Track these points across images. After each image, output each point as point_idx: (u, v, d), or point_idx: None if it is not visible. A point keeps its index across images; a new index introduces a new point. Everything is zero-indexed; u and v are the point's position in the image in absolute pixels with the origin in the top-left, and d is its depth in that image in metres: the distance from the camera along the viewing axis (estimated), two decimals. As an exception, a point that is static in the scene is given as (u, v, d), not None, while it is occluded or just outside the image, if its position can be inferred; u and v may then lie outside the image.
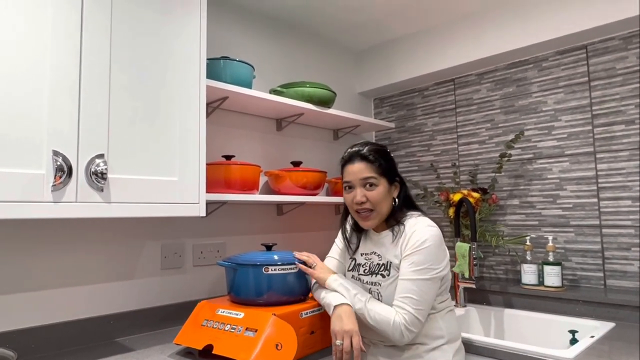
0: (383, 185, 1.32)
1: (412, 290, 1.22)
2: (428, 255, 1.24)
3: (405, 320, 1.20)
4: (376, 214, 1.32)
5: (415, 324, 1.21)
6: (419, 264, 1.23)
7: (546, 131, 1.98)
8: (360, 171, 1.32)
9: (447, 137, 2.32)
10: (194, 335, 1.27)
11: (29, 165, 1.05)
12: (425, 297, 1.22)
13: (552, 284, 1.78)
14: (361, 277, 1.37)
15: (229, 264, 1.33)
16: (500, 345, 1.37)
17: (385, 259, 1.33)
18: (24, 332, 1.30)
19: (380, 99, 2.65)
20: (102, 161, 1.15)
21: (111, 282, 1.51)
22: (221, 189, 1.63)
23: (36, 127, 1.06)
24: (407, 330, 1.20)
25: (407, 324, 1.20)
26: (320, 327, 1.33)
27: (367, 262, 1.38)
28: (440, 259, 1.27)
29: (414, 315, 1.20)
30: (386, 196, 1.32)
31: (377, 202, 1.31)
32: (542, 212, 1.97)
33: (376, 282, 1.32)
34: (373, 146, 1.36)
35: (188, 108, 1.37)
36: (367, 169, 1.31)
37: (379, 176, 1.31)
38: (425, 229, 1.27)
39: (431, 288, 1.24)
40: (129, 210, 1.21)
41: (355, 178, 1.32)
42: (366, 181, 1.31)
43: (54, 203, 1.07)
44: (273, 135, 2.09)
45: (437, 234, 1.28)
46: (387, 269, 1.31)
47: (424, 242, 1.25)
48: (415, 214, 1.34)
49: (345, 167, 1.37)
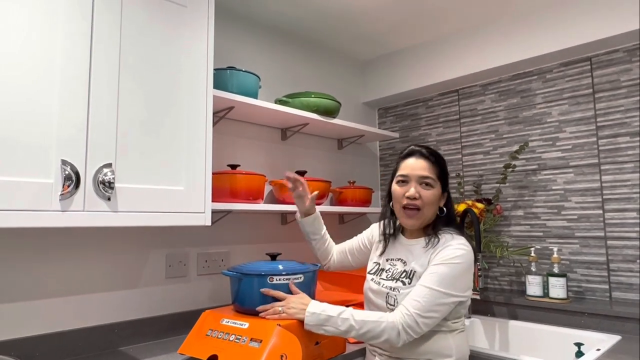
0: (437, 189, 1.30)
1: (424, 297, 1.19)
2: (454, 271, 1.21)
3: (404, 319, 1.17)
4: (422, 215, 1.30)
5: (414, 328, 1.17)
6: (442, 276, 1.20)
7: (550, 142, 1.98)
8: (420, 168, 1.30)
9: (451, 147, 2.32)
10: (198, 345, 1.27)
11: (38, 174, 1.05)
12: (434, 308, 1.19)
13: (557, 296, 1.77)
14: (381, 281, 1.35)
15: (234, 273, 1.33)
16: (506, 358, 1.36)
17: (409, 267, 1.30)
18: (28, 340, 1.30)
19: (384, 109, 2.66)
20: (110, 170, 1.16)
21: (116, 290, 1.51)
22: (226, 198, 1.64)
23: (45, 137, 1.07)
24: (404, 332, 1.16)
25: (405, 325, 1.16)
26: (324, 338, 1.33)
27: (391, 268, 1.36)
28: (466, 281, 1.24)
29: (415, 319, 1.17)
30: (436, 201, 1.31)
31: (428, 203, 1.29)
32: (547, 223, 1.96)
33: (395, 287, 1.30)
34: (435, 150, 1.35)
35: (195, 118, 1.38)
36: (428, 168, 1.30)
37: (436, 179, 1.30)
38: (460, 246, 1.25)
39: (444, 304, 1.20)
40: (135, 219, 1.21)
41: (414, 173, 1.31)
42: (424, 179, 1.30)
43: (61, 212, 1.08)
44: (278, 145, 2.10)
45: (470, 255, 1.25)
46: (409, 277, 1.29)
47: (454, 258, 1.22)
48: (453, 231, 1.32)
49: (403, 161, 1.35)
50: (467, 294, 1.26)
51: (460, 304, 1.27)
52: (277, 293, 1.30)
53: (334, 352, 1.38)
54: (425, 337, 1.25)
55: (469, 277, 1.26)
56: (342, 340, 1.42)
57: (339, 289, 1.85)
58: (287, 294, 1.30)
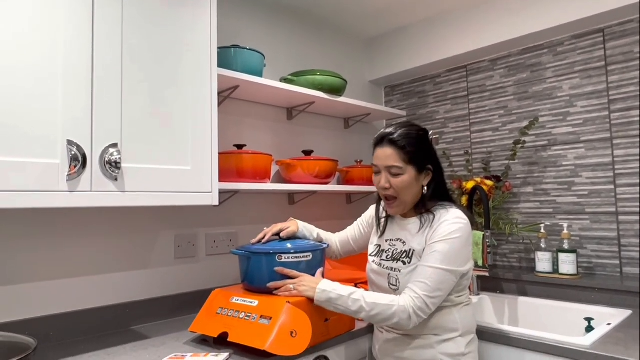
0: (409, 174, 1.27)
1: (429, 278, 1.19)
2: (454, 246, 1.21)
3: (414, 303, 1.17)
4: (399, 202, 1.30)
5: (424, 310, 1.18)
6: (443, 254, 1.20)
7: (561, 117, 1.94)
8: (385, 157, 1.29)
9: (459, 124, 2.29)
10: (208, 323, 1.28)
11: (44, 154, 1.05)
12: (440, 287, 1.19)
13: (567, 272, 1.76)
14: (382, 262, 1.36)
15: (243, 252, 1.34)
16: (515, 332, 1.36)
17: (408, 246, 1.31)
18: (42, 320, 1.32)
19: (391, 87, 2.62)
20: (116, 150, 1.16)
21: (127, 271, 1.52)
22: (233, 178, 1.63)
23: (51, 117, 1.07)
24: (414, 315, 1.17)
25: (415, 307, 1.17)
26: (333, 315, 1.34)
27: (390, 249, 1.36)
28: (465, 254, 1.24)
29: (424, 301, 1.17)
30: (412, 185, 1.29)
31: (400, 190, 1.28)
32: (557, 199, 1.94)
33: (396, 268, 1.31)
34: (407, 130, 1.29)
35: (200, 97, 1.36)
36: (393, 156, 1.27)
37: (406, 164, 1.27)
38: (456, 220, 1.24)
39: (449, 281, 1.21)
40: (143, 199, 1.21)
41: (381, 163, 1.30)
42: (390, 169, 1.28)
43: (69, 192, 1.08)
44: (284, 125, 2.09)
45: (467, 228, 1.25)
46: (409, 257, 1.29)
47: (453, 233, 1.22)
48: (446, 205, 1.31)
49: (374, 150, 1.34)
50: (469, 265, 1.27)
51: (463, 277, 1.27)
52: (290, 271, 1.30)
53: (343, 329, 1.39)
54: (431, 314, 1.25)
55: (469, 249, 1.26)
56: (351, 317, 1.42)
57: (346, 267, 1.85)
58: (299, 273, 1.31)
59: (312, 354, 1.29)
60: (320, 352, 1.32)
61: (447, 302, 1.27)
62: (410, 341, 1.28)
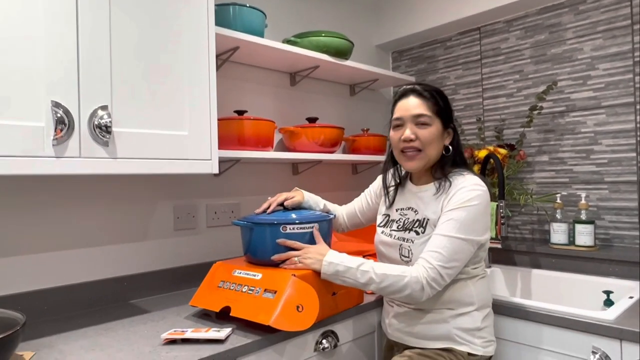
0: (436, 126, 1.20)
1: (444, 247, 1.11)
2: (471, 214, 1.13)
3: (428, 274, 1.10)
4: (423, 156, 1.21)
5: (438, 281, 1.11)
6: (460, 222, 1.13)
7: (581, 81, 1.83)
8: (413, 107, 1.21)
9: (471, 90, 2.18)
10: (210, 297, 1.22)
11: (26, 116, 0.96)
12: (456, 257, 1.12)
13: (584, 243, 1.69)
14: (393, 232, 1.28)
15: (245, 223, 1.26)
16: (533, 306, 1.29)
17: (422, 215, 1.23)
18: (35, 294, 1.26)
19: (398, 52, 2.49)
20: (106, 113, 1.07)
21: (123, 243, 1.45)
22: (234, 146, 1.54)
23: (32, 75, 0.97)
24: (428, 286, 1.10)
25: (428, 279, 1.09)
26: (341, 289, 1.27)
27: (401, 218, 1.28)
28: (483, 223, 1.17)
29: (438, 272, 1.10)
30: (438, 139, 1.21)
31: (427, 143, 1.20)
32: (574, 168, 1.85)
33: (408, 238, 1.23)
34: (430, 86, 1.25)
35: (197, 57, 1.26)
36: (422, 105, 1.20)
37: (434, 115, 1.20)
38: (474, 187, 1.16)
39: (465, 250, 1.14)
40: (136, 166, 1.13)
41: (407, 114, 1.21)
42: (418, 119, 1.20)
43: (55, 158, 1.00)
44: (287, 91, 1.98)
45: (486, 195, 1.17)
46: (423, 226, 1.21)
47: (470, 200, 1.14)
48: (463, 172, 1.22)
49: (397, 103, 1.25)
50: (487, 235, 1.19)
51: (480, 247, 1.20)
52: (294, 243, 1.22)
53: (351, 303, 1.32)
54: (445, 286, 1.18)
55: (487, 218, 1.18)
56: (359, 290, 1.36)
57: (353, 239, 1.78)
58: (303, 244, 1.23)
59: (318, 329, 1.23)
60: (327, 327, 1.26)
61: (463, 274, 1.20)
62: (423, 315, 1.22)
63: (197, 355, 0.97)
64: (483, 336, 1.20)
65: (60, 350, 1.02)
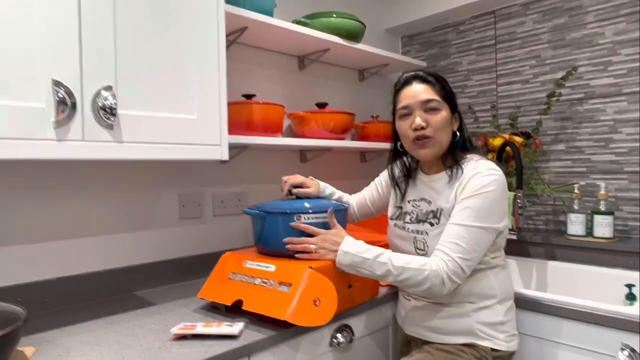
0: (446, 111, 1.15)
1: (462, 237, 1.06)
2: (488, 201, 1.08)
3: (448, 267, 1.04)
4: (435, 142, 1.15)
5: (459, 274, 1.05)
6: (476, 209, 1.07)
7: (602, 67, 1.76)
8: (420, 92, 1.15)
9: (484, 76, 2.11)
10: (220, 290, 1.16)
11: (25, 96, 0.89)
12: (475, 247, 1.06)
13: (603, 235, 1.64)
14: (406, 225, 1.23)
15: (257, 212, 1.20)
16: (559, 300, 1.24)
17: (435, 205, 1.17)
18: (35, 286, 1.19)
19: (409, 37, 2.41)
20: (111, 94, 0.99)
21: (127, 232, 1.39)
22: (242, 131, 1.47)
23: (31, 51, 0.89)
24: (448, 280, 1.04)
25: (449, 271, 1.04)
26: (357, 281, 1.21)
27: (414, 210, 1.23)
28: (501, 209, 1.11)
29: (459, 264, 1.05)
30: (448, 124, 1.16)
31: (438, 129, 1.14)
32: (592, 157, 1.79)
33: (423, 230, 1.18)
34: (431, 72, 1.20)
35: (206, 36, 1.19)
36: (429, 90, 1.15)
37: (442, 100, 1.15)
38: (488, 172, 1.10)
39: (484, 239, 1.08)
40: (143, 151, 1.06)
41: (415, 100, 1.15)
42: (427, 104, 1.14)
43: (57, 142, 0.93)
44: (295, 75, 1.90)
45: (502, 180, 1.11)
46: (437, 217, 1.16)
47: (486, 187, 1.08)
48: (475, 157, 1.17)
49: (400, 92, 1.19)
50: (505, 222, 1.13)
51: (498, 235, 1.14)
52: (308, 227, 1.16)
53: (367, 296, 1.27)
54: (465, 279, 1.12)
55: (504, 204, 1.13)
56: (375, 283, 1.30)
57: (364, 230, 1.72)
58: (319, 229, 1.16)
59: (334, 323, 1.18)
60: (342, 321, 1.21)
61: (482, 265, 1.14)
62: (442, 309, 1.17)
63: (210, 351, 0.92)
64: (506, 330, 1.15)
65: (63, 346, 0.96)
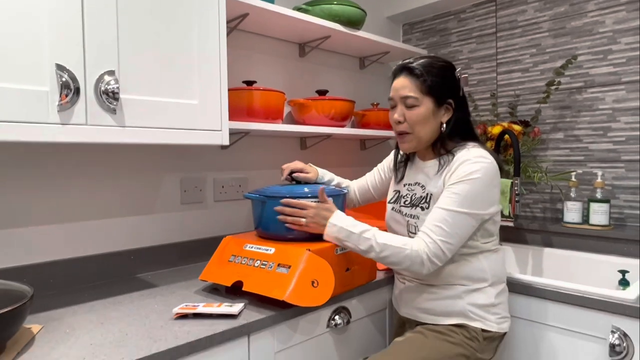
0: (426, 106, 1.16)
1: (445, 221, 1.08)
2: (474, 187, 1.10)
3: (429, 248, 1.07)
4: (413, 138, 1.19)
5: (439, 256, 1.08)
6: (462, 195, 1.09)
7: (601, 56, 1.77)
8: (401, 87, 1.18)
9: (484, 65, 2.11)
10: (220, 272, 1.19)
11: (29, 80, 0.91)
12: (457, 231, 1.09)
13: (599, 222, 1.66)
14: (402, 208, 1.26)
15: (257, 196, 1.22)
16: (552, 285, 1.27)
17: (427, 191, 1.20)
18: (41, 267, 1.22)
19: (410, 25, 2.41)
20: (113, 79, 1.01)
21: (130, 216, 1.41)
22: (243, 117, 1.49)
23: (34, 35, 0.91)
24: (428, 261, 1.07)
25: (429, 253, 1.07)
26: (355, 264, 1.24)
27: (409, 194, 1.26)
28: (488, 196, 1.13)
29: (439, 247, 1.07)
30: (428, 119, 1.17)
31: (414, 124, 1.17)
32: (590, 146, 1.80)
33: (415, 214, 1.21)
34: (428, 60, 1.19)
35: (207, 22, 1.20)
36: (409, 85, 1.16)
37: (422, 95, 1.15)
38: (477, 159, 1.12)
39: (467, 225, 1.10)
40: (145, 135, 1.08)
41: (396, 94, 1.19)
42: (406, 100, 1.17)
43: (61, 125, 0.95)
44: (295, 62, 1.91)
45: (491, 167, 1.12)
46: (427, 202, 1.18)
47: (472, 173, 1.10)
48: (468, 145, 1.18)
49: (392, 82, 1.22)
50: (492, 210, 1.15)
51: (489, 222, 1.17)
52: (299, 202, 1.18)
53: (364, 279, 1.30)
54: (456, 261, 1.16)
55: (493, 192, 1.14)
56: (373, 267, 1.33)
57: (363, 215, 1.75)
58: (311, 203, 1.18)
59: (331, 305, 1.21)
60: (340, 304, 1.24)
61: (473, 249, 1.17)
62: (435, 291, 1.19)
63: (210, 330, 0.95)
64: (497, 312, 1.18)
65: (69, 324, 0.99)
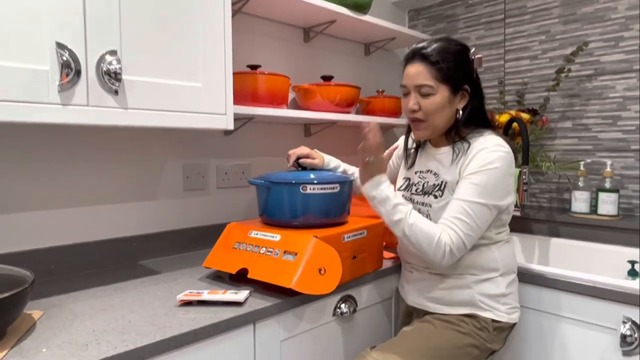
0: (442, 94, 1.12)
1: (465, 213, 1.07)
2: (492, 177, 1.07)
3: (452, 241, 1.05)
4: (428, 126, 1.16)
5: (461, 249, 1.07)
6: (481, 186, 1.07)
7: (613, 43, 1.73)
8: (416, 75, 1.13)
9: (492, 52, 2.07)
10: (225, 259, 1.16)
11: (28, 58, 0.88)
12: (477, 223, 1.07)
13: (607, 212, 1.63)
14: (413, 196, 1.23)
15: (262, 182, 1.19)
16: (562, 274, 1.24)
17: (441, 179, 1.17)
18: (42, 252, 1.20)
19: (415, 11, 2.37)
20: (115, 59, 0.98)
21: (132, 202, 1.39)
22: (247, 102, 1.46)
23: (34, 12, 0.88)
24: (450, 254, 1.06)
25: (453, 247, 1.05)
26: (362, 252, 1.22)
27: (421, 181, 1.23)
28: (505, 186, 1.11)
29: (462, 240, 1.06)
30: (444, 107, 1.13)
31: (430, 113, 1.13)
32: (599, 135, 1.77)
33: (427, 202, 1.18)
34: (442, 44, 1.13)
35: (211, 2, 1.16)
36: (424, 73, 1.12)
37: (439, 83, 1.11)
38: (495, 148, 1.09)
39: (486, 216, 1.09)
40: (148, 118, 1.05)
41: (410, 83, 1.15)
42: (420, 88, 1.13)
43: (61, 106, 0.92)
44: (300, 47, 1.87)
45: (508, 157, 1.10)
46: (441, 190, 1.16)
47: (491, 163, 1.08)
48: (485, 132, 1.15)
49: (404, 68, 1.18)
50: (509, 199, 1.13)
51: (504, 212, 1.15)
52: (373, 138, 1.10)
53: (371, 268, 1.28)
54: (469, 252, 1.13)
55: (509, 181, 1.12)
56: (380, 255, 1.31)
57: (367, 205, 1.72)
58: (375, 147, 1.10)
59: (337, 293, 1.19)
60: (346, 292, 1.21)
61: (485, 240, 1.15)
62: (444, 281, 1.17)
63: (215, 317, 0.92)
64: (507, 302, 1.16)
65: (70, 310, 0.97)
